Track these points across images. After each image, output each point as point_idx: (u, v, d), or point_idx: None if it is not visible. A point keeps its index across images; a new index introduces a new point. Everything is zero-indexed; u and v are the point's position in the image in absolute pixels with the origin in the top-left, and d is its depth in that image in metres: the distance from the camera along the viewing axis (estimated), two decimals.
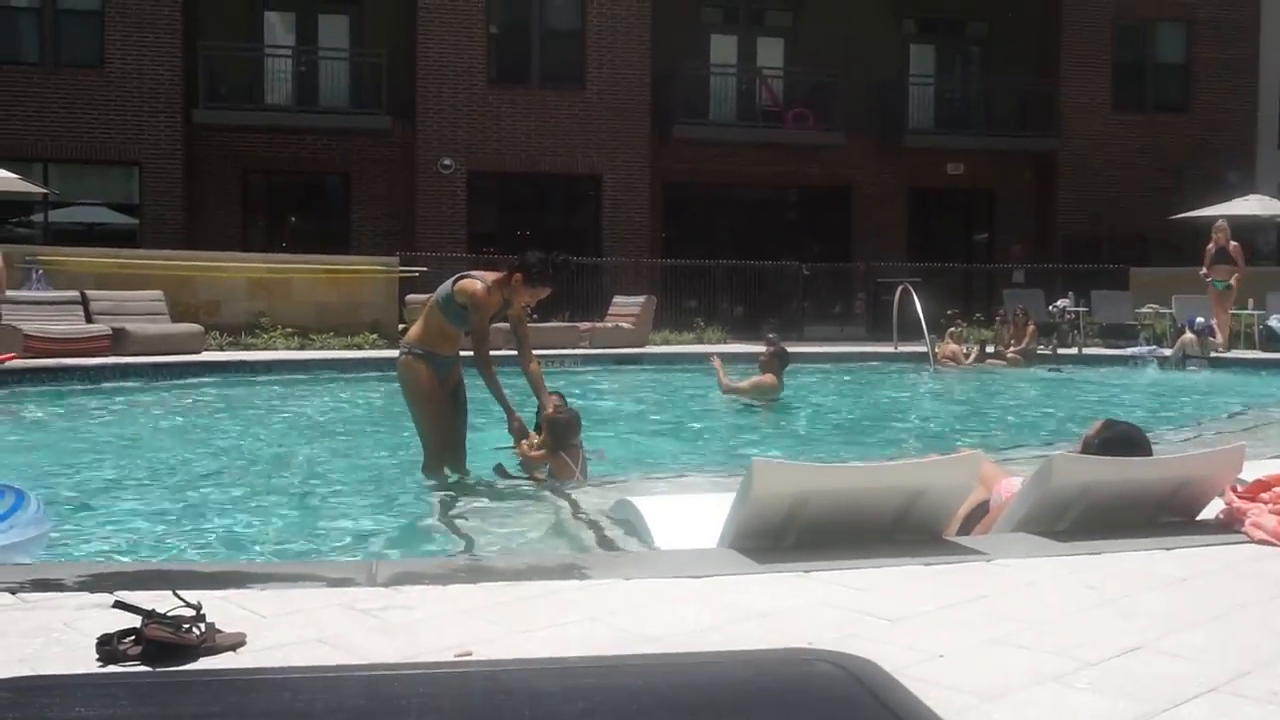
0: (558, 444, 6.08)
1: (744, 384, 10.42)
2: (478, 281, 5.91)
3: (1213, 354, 15.78)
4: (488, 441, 6.75)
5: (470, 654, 2.53)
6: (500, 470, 6.25)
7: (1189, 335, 15.86)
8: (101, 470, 6.71)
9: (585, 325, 16.71)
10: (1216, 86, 24.15)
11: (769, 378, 10.38)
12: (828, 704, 2.13)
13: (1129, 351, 16.55)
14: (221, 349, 14.55)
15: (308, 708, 2.07)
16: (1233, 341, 17.67)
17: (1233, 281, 16.92)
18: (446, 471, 6.16)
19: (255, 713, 2.06)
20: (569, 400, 6.62)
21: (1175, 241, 22.38)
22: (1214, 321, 16.31)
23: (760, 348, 11.04)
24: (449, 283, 6.02)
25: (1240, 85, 24.20)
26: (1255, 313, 17.86)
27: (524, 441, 6.09)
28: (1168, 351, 16.09)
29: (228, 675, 2.33)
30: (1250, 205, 20.76)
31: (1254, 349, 17.20)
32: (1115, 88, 23.94)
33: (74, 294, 14.23)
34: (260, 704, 2.11)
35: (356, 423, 9.25)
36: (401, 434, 7.61)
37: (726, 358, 11.56)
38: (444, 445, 6.14)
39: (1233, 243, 16.93)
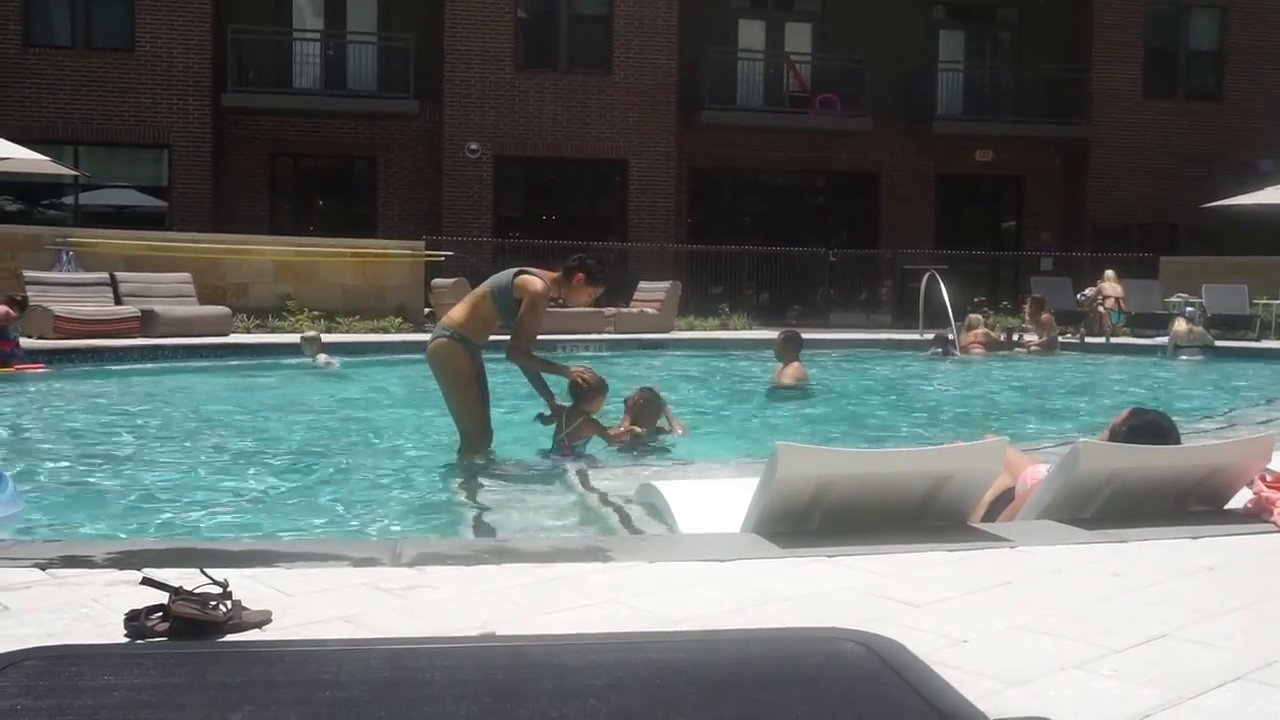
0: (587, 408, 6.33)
1: (786, 378, 10.35)
2: (539, 280, 6.02)
3: (1209, 343, 15.60)
4: (512, 425, 6.77)
5: (494, 632, 2.54)
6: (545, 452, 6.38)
7: (1182, 325, 15.66)
8: (131, 449, 6.77)
9: (610, 310, 16.70)
10: (1250, 74, 23.83)
11: (799, 366, 10.33)
12: (852, 681, 2.13)
13: (1157, 341, 16.41)
14: (248, 331, 14.64)
15: (334, 678, 2.09)
16: (1262, 331, 17.50)
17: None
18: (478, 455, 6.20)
19: (282, 682, 2.08)
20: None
21: (1206, 230, 22.17)
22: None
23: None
24: (508, 275, 6.10)
25: (1274, 73, 23.87)
26: None
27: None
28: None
29: (254, 646, 2.36)
30: None
31: None
32: (1147, 74, 23.66)
33: (103, 276, 14.35)
34: (287, 674, 2.14)
35: (381, 405, 9.29)
36: (427, 415, 7.65)
37: (750, 345, 11.52)
38: (482, 429, 6.20)
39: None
